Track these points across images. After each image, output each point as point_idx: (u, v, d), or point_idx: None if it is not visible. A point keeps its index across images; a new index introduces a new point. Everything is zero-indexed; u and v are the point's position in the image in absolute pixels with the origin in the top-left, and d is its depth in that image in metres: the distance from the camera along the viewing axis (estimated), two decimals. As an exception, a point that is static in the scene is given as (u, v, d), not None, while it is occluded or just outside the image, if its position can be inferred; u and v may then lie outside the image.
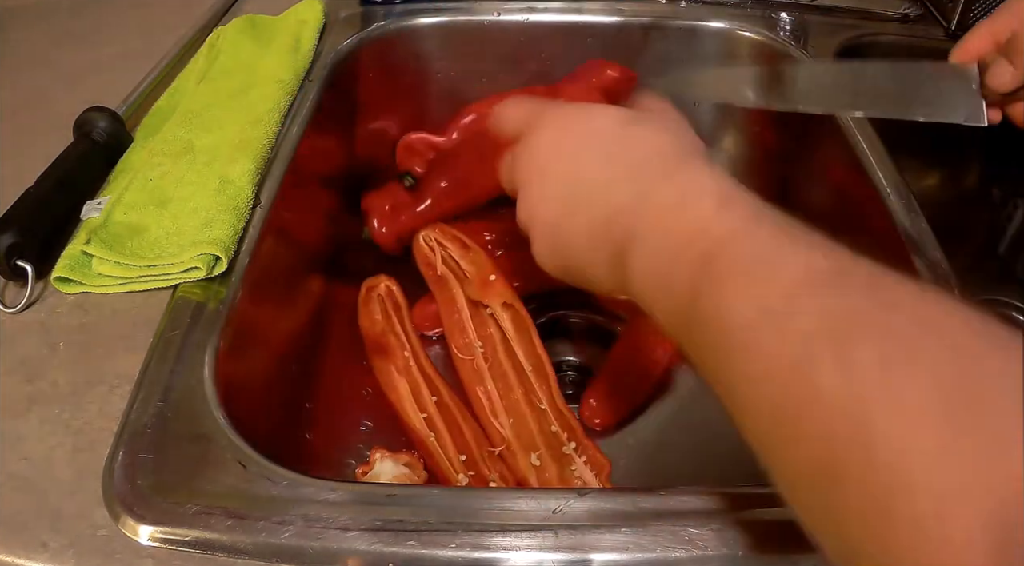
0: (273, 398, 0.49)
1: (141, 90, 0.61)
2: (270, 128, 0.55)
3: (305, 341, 0.55)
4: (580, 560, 0.33)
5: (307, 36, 0.65)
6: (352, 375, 0.56)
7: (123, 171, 0.53)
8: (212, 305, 0.44)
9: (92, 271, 0.46)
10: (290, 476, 0.36)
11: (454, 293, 0.59)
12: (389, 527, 0.34)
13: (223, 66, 0.62)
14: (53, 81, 0.65)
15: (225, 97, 0.58)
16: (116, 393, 0.41)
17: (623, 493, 0.36)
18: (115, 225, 0.47)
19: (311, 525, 0.34)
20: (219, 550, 0.33)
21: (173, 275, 0.45)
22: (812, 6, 0.70)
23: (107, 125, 0.54)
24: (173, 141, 0.54)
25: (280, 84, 0.59)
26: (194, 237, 0.46)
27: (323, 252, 0.61)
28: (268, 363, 0.49)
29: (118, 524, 0.34)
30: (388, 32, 0.69)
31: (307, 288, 0.57)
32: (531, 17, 0.69)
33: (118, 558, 0.34)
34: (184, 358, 0.41)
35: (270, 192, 0.52)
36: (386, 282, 0.61)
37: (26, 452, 0.38)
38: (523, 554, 0.33)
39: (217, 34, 0.66)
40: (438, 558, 0.33)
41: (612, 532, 0.33)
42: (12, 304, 0.45)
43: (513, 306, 0.57)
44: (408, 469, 0.47)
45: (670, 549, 0.33)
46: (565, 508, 0.34)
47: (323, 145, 0.61)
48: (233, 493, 0.35)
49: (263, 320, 0.48)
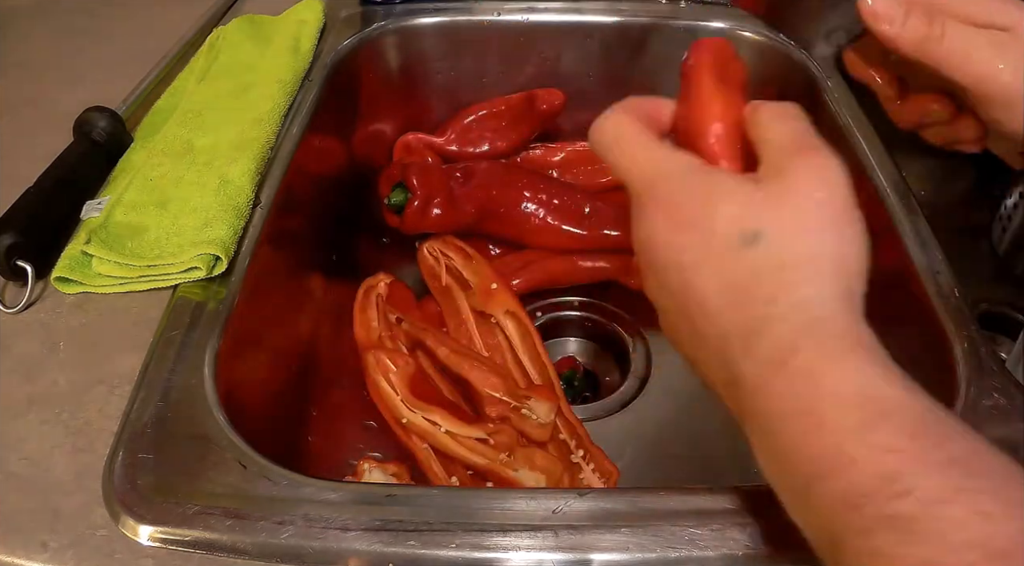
0: (273, 398, 0.49)
1: (141, 90, 0.61)
2: (270, 128, 0.55)
3: (305, 341, 0.55)
4: (580, 560, 0.33)
5: (307, 36, 0.65)
6: (352, 374, 0.56)
7: (123, 171, 0.53)
8: (212, 305, 0.44)
9: (92, 271, 0.46)
10: (290, 476, 0.36)
11: (459, 304, 0.59)
12: (389, 527, 0.34)
13: (223, 66, 0.62)
14: (53, 81, 0.65)
15: (225, 97, 0.58)
16: (116, 393, 0.41)
17: (623, 493, 0.36)
18: (115, 225, 0.47)
19: (311, 525, 0.34)
20: (219, 550, 0.33)
21: (173, 275, 0.45)
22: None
23: (107, 125, 0.54)
24: (173, 141, 0.54)
25: (280, 84, 0.59)
26: (194, 237, 0.46)
27: (323, 252, 0.61)
28: (268, 363, 0.49)
29: (118, 524, 0.34)
30: (388, 32, 0.69)
31: (307, 288, 0.57)
32: (531, 17, 0.69)
33: (118, 558, 0.34)
34: (184, 358, 0.41)
35: (270, 192, 0.52)
36: (385, 280, 0.61)
37: (26, 452, 0.38)
38: (523, 554, 0.33)
39: (217, 34, 0.66)
40: (438, 558, 0.33)
41: (612, 532, 0.33)
42: (12, 304, 0.45)
43: (516, 314, 0.57)
44: (396, 479, 0.47)
45: (670, 549, 0.33)
46: (565, 508, 0.34)
47: (323, 145, 0.61)
48: (233, 493, 0.35)
49: (263, 320, 0.48)
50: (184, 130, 0.55)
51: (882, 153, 0.54)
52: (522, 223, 0.62)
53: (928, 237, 0.48)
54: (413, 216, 0.60)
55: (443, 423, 0.49)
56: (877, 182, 0.52)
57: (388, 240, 0.67)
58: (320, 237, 0.60)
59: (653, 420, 0.57)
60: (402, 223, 0.61)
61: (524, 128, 0.69)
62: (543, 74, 0.70)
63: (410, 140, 0.70)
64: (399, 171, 0.61)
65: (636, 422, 0.57)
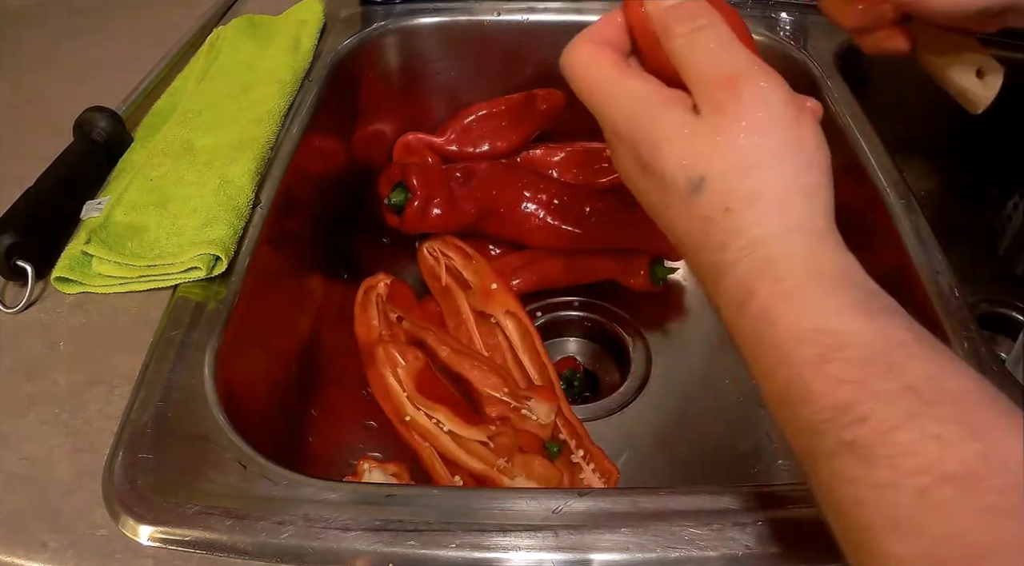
0: (273, 398, 0.49)
1: (141, 90, 0.61)
2: (270, 128, 0.55)
3: (305, 340, 0.55)
4: (580, 560, 0.33)
5: (307, 36, 0.65)
6: (352, 374, 0.56)
7: (123, 171, 0.53)
8: (212, 305, 0.44)
9: (92, 271, 0.46)
10: (290, 476, 0.36)
11: (460, 305, 0.59)
12: (389, 527, 0.34)
13: (223, 66, 0.62)
14: (53, 81, 0.66)
15: (225, 97, 0.58)
16: (116, 393, 0.41)
17: (623, 493, 0.36)
18: (115, 225, 0.47)
19: (311, 525, 0.34)
20: (219, 550, 0.33)
21: (173, 275, 0.45)
22: (812, 6, 0.69)
23: (107, 125, 0.54)
24: (173, 141, 0.54)
25: (280, 84, 0.59)
26: (194, 237, 0.46)
27: (323, 251, 0.61)
28: (268, 363, 0.49)
29: (118, 524, 0.35)
30: (388, 32, 0.69)
31: (307, 288, 0.57)
32: (531, 17, 0.69)
33: (118, 558, 0.34)
34: (184, 358, 0.41)
35: (270, 192, 0.52)
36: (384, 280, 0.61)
37: (26, 452, 0.38)
38: (523, 554, 0.33)
39: (217, 34, 0.66)
40: (438, 558, 0.33)
41: (612, 532, 0.33)
42: (12, 304, 0.45)
43: (516, 315, 0.57)
44: (396, 479, 0.47)
45: (670, 549, 0.33)
46: (565, 508, 0.34)
47: (323, 145, 0.61)
48: (233, 493, 0.35)
49: (263, 320, 0.48)
50: (184, 130, 0.55)
51: (882, 153, 0.54)
52: (522, 223, 0.62)
53: (928, 237, 0.48)
54: (413, 216, 0.60)
55: (446, 422, 0.49)
56: (877, 182, 0.52)
57: (388, 240, 0.67)
58: (320, 237, 0.60)
59: (653, 420, 0.57)
60: (402, 223, 0.61)
61: (524, 128, 0.69)
62: (543, 74, 0.70)
63: (410, 140, 0.70)
64: (399, 171, 0.61)
65: (636, 422, 0.57)
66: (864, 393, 0.24)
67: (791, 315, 0.27)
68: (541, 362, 0.56)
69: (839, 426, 0.24)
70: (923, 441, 0.23)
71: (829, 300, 0.26)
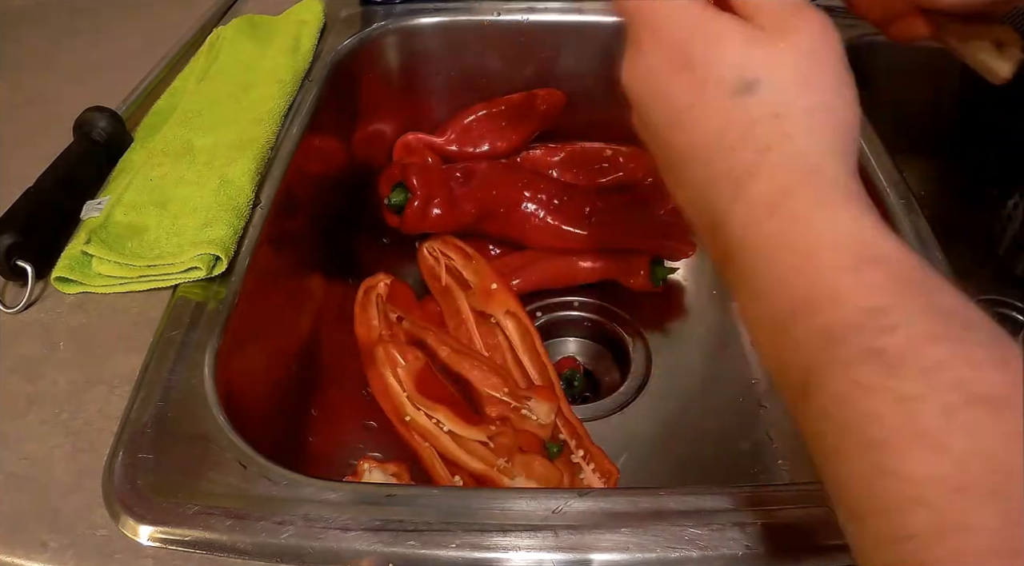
0: (273, 398, 0.49)
1: (141, 90, 0.61)
2: (270, 128, 0.55)
3: (305, 340, 0.55)
4: (580, 560, 0.33)
5: (307, 36, 0.65)
6: (352, 374, 0.56)
7: (123, 171, 0.53)
8: (212, 305, 0.44)
9: (92, 271, 0.46)
10: (290, 476, 0.36)
11: (460, 305, 0.59)
12: (389, 527, 0.34)
13: (223, 66, 0.62)
14: (53, 81, 0.66)
15: (225, 97, 0.58)
16: (116, 393, 0.41)
17: (623, 493, 0.36)
18: (115, 225, 0.47)
19: (311, 525, 0.34)
20: (219, 550, 0.33)
21: (173, 275, 0.45)
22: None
23: (107, 125, 0.54)
24: (173, 141, 0.54)
25: (280, 84, 0.59)
26: (194, 237, 0.46)
27: (323, 251, 0.61)
28: (268, 363, 0.49)
29: (118, 524, 0.35)
30: (388, 32, 0.69)
31: (307, 288, 0.57)
32: (531, 17, 0.69)
33: (118, 558, 0.34)
34: (184, 358, 0.41)
35: (270, 192, 0.52)
36: (385, 280, 0.61)
37: (26, 452, 0.39)
38: (523, 554, 0.33)
39: (217, 34, 0.66)
40: (438, 558, 0.33)
41: (612, 532, 0.33)
42: (12, 304, 0.45)
43: (516, 314, 0.57)
44: (396, 479, 0.47)
45: (670, 549, 0.33)
46: (565, 508, 0.34)
47: (323, 145, 0.61)
48: (233, 493, 0.35)
49: (263, 320, 0.48)
50: (184, 130, 0.55)
51: (882, 153, 0.54)
52: (522, 223, 0.62)
53: (928, 237, 0.48)
54: (413, 216, 0.60)
55: (446, 422, 0.49)
56: (877, 182, 0.52)
57: (388, 240, 0.67)
58: (320, 237, 0.61)
59: (653, 420, 0.57)
60: (402, 223, 0.61)
61: (524, 128, 0.69)
62: (543, 74, 0.70)
63: (410, 140, 0.70)
64: (399, 171, 0.61)
65: (636, 422, 0.57)
66: (900, 302, 0.23)
67: (829, 221, 0.26)
68: (541, 362, 0.56)
69: (868, 332, 0.23)
70: (956, 358, 0.22)
71: (867, 219, 0.26)
